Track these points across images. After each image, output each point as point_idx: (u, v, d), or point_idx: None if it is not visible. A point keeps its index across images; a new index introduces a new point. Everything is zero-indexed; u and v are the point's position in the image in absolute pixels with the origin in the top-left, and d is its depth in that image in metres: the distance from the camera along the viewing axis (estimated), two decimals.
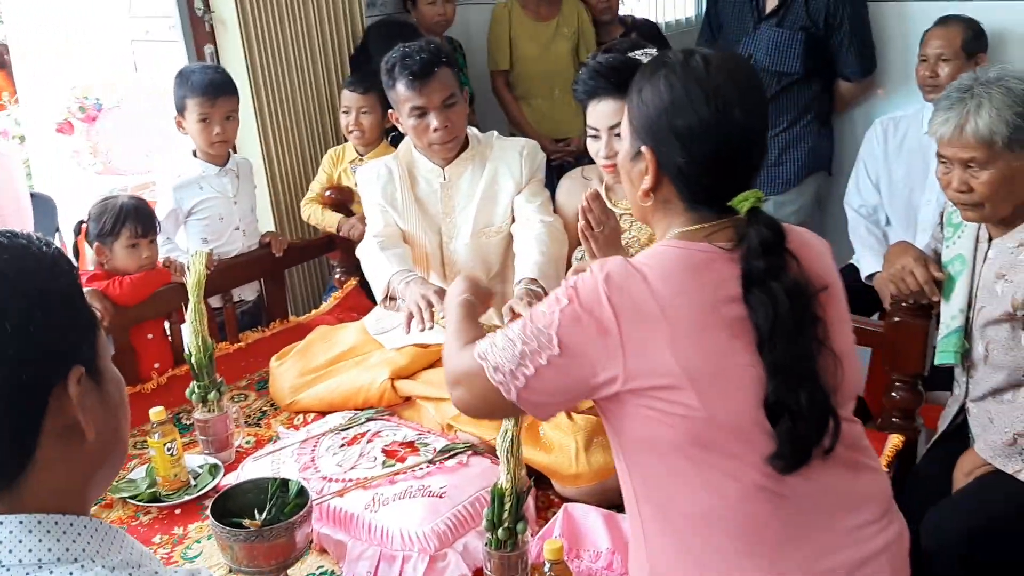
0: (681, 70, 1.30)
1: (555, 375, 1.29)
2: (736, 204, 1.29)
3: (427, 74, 2.21)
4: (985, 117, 1.87)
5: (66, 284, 0.91)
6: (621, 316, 1.25)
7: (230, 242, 2.83)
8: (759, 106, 1.32)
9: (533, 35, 3.89)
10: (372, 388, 2.28)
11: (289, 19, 3.18)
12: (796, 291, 1.26)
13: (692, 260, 1.29)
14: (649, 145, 1.34)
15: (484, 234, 2.38)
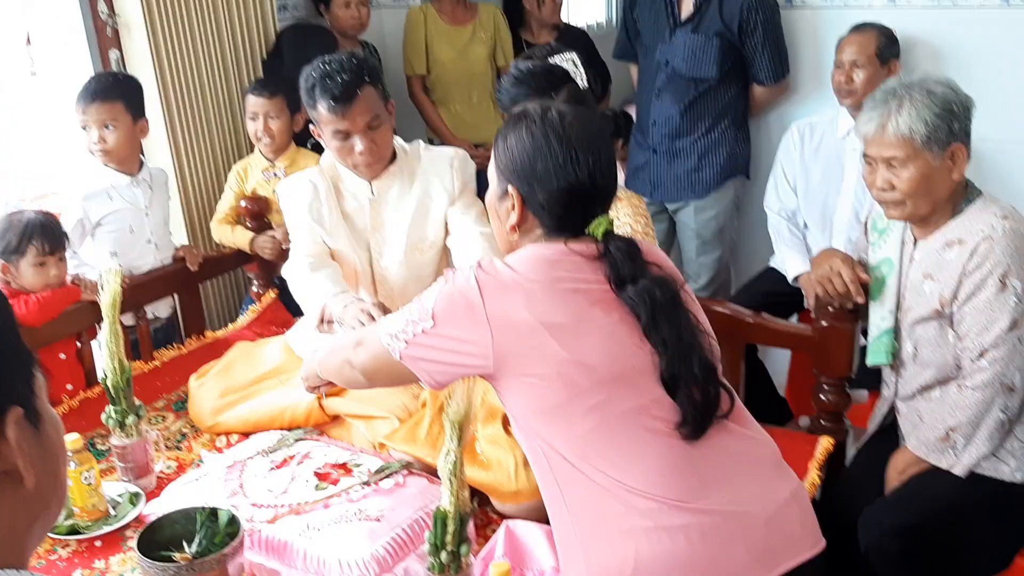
0: (541, 122, 1.52)
1: (429, 343, 1.49)
2: (592, 230, 1.50)
3: (350, 97, 2.09)
4: (905, 116, 1.94)
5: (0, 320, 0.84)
6: (485, 291, 1.45)
7: (141, 256, 2.71)
8: (605, 152, 1.54)
9: (450, 39, 3.86)
10: (299, 408, 2.20)
11: (198, 22, 3.06)
12: (664, 284, 1.48)
13: (550, 253, 1.49)
14: (515, 185, 1.54)
15: (418, 249, 2.30)
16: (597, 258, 1.49)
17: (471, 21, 3.88)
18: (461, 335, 1.47)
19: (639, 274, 1.47)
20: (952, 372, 2.03)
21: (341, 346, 1.75)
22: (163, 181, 2.80)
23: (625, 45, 3.62)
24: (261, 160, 3.03)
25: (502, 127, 1.59)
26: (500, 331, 1.44)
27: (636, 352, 1.46)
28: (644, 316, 1.45)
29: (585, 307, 1.45)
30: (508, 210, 1.56)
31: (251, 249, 2.94)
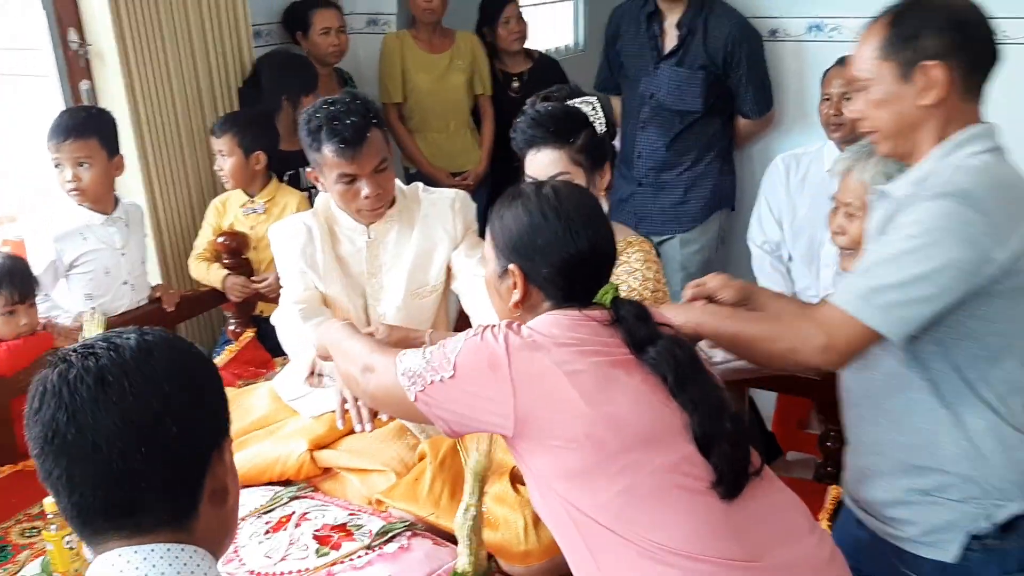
0: (536, 198, 1.54)
1: (446, 394, 1.45)
2: (600, 299, 1.51)
3: (360, 141, 2.02)
4: (870, 169, 1.95)
5: (215, 369, 1.11)
6: (512, 350, 1.41)
7: (117, 297, 2.60)
8: (602, 222, 1.57)
9: (426, 67, 3.79)
10: (289, 460, 2.09)
11: (173, 51, 2.96)
12: (682, 344, 1.48)
13: (567, 318, 1.48)
14: (515, 262, 1.53)
15: (418, 295, 2.22)
16: (610, 324, 1.48)
17: (448, 48, 3.82)
18: (481, 392, 1.43)
19: (655, 335, 1.47)
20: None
21: (354, 357, 1.69)
22: (139, 218, 2.70)
23: (607, 77, 3.60)
24: (241, 195, 2.94)
25: (496, 206, 1.60)
26: (524, 391, 1.40)
27: (664, 411, 1.42)
28: (670, 376, 1.43)
29: (608, 369, 1.42)
30: (510, 288, 1.56)
31: (224, 285, 2.84)
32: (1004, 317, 1.57)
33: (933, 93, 1.56)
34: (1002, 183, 1.54)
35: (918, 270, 1.50)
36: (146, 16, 2.84)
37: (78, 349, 1.02)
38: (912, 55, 1.56)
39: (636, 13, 3.39)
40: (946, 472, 1.63)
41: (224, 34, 3.14)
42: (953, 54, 1.55)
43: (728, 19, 3.22)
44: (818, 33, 3.33)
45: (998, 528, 1.63)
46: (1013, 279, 1.53)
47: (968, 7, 1.60)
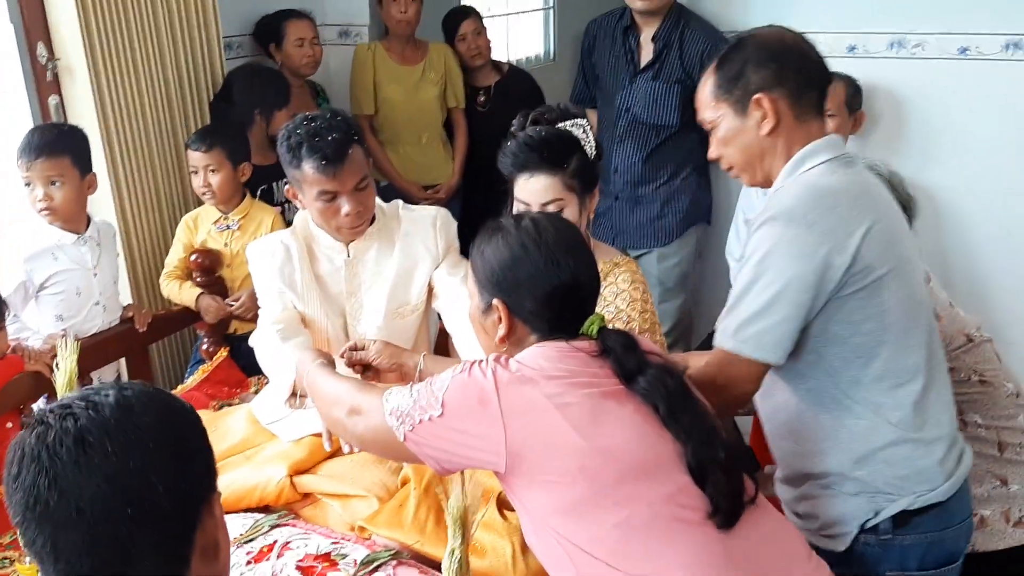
0: (516, 231, 1.54)
1: (436, 432, 1.43)
2: (586, 329, 1.50)
3: (341, 158, 1.99)
4: None
5: (199, 420, 1.07)
6: (501, 386, 1.40)
7: (88, 319, 2.53)
8: (584, 252, 1.56)
9: (398, 79, 3.76)
10: (269, 486, 2.05)
11: (144, 65, 2.89)
12: (671, 372, 1.47)
13: (556, 351, 1.46)
14: (499, 297, 1.53)
15: (399, 315, 2.19)
16: (599, 355, 1.48)
17: (421, 61, 3.79)
18: (471, 429, 1.41)
19: (644, 365, 1.46)
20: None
21: (338, 400, 1.66)
22: (111, 236, 2.64)
23: (583, 90, 3.59)
24: (213, 212, 2.88)
25: (477, 241, 1.59)
26: (515, 427, 1.38)
27: (657, 441, 1.41)
28: (662, 406, 1.42)
29: (599, 400, 1.41)
30: (495, 323, 1.55)
31: (197, 305, 2.79)
32: (863, 316, 1.62)
33: (768, 122, 1.67)
34: (831, 191, 1.61)
35: (768, 295, 1.59)
36: (116, 29, 2.78)
37: (55, 409, 0.98)
38: (742, 92, 1.68)
39: (612, 27, 3.39)
40: (836, 473, 1.70)
41: (195, 46, 3.08)
42: (777, 83, 1.66)
43: (704, 34, 3.23)
44: None
45: (891, 522, 1.67)
46: (861, 279, 1.60)
47: (783, 38, 1.72)
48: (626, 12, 3.34)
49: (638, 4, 3.22)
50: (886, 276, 1.60)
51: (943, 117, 3.18)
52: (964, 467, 1.74)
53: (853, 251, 1.57)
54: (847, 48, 3.26)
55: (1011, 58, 3.09)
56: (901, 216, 1.75)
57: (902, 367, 1.65)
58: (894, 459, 1.66)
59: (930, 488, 1.67)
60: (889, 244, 1.62)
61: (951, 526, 1.71)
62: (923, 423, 1.67)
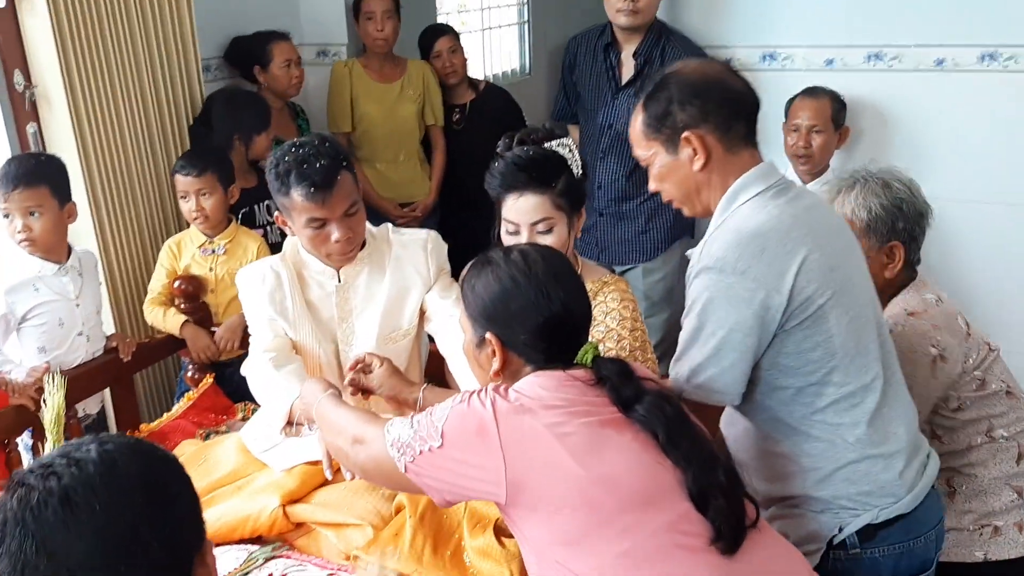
0: (505, 264, 1.55)
1: (436, 463, 1.43)
2: (580, 359, 1.51)
3: (330, 184, 1.97)
4: (852, 200, 1.97)
5: (183, 469, 1.06)
6: (500, 416, 1.39)
7: (72, 350, 2.50)
8: (574, 282, 1.57)
9: (376, 96, 3.74)
10: (261, 517, 2.02)
11: (122, 91, 2.87)
12: (668, 398, 1.48)
13: (553, 380, 1.46)
14: (492, 331, 1.54)
15: (391, 339, 2.17)
16: (595, 383, 1.48)
17: (399, 78, 3.78)
18: (471, 460, 1.42)
19: (640, 392, 1.47)
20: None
21: (342, 429, 1.68)
22: (93, 265, 2.60)
23: (564, 107, 3.60)
24: (198, 236, 2.85)
25: (466, 276, 1.60)
26: (515, 457, 1.38)
27: (657, 469, 1.41)
28: (662, 433, 1.43)
29: (598, 429, 1.42)
30: (489, 356, 1.55)
31: (182, 334, 2.76)
32: (811, 344, 1.64)
33: (700, 159, 1.68)
34: (757, 234, 1.61)
35: (713, 344, 1.63)
36: (93, 54, 2.75)
37: (35, 470, 0.95)
38: (671, 131, 1.69)
39: (592, 44, 3.39)
40: (801, 495, 1.72)
41: (173, 70, 3.05)
42: (703, 119, 1.67)
43: (685, 49, 3.24)
44: (772, 62, 3.36)
45: (857, 537, 1.70)
46: (803, 311, 1.62)
47: (705, 73, 1.71)
48: (607, 29, 3.35)
49: (622, 20, 3.23)
50: (828, 303, 1.62)
51: (922, 128, 3.21)
52: (928, 477, 1.76)
53: (789, 289, 1.59)
54: (825, 62, 3.28)
55: (987, 69, 3.12)
56: (843, 235, 1.76)
57: (856, 387, 1.67)
58: (855, 476, 1.68)
59: (893, 501, 1.69)
60: (829, 270, 1.63)
61: (919, 536, 1.74)
62: (882, 438, 1.69)
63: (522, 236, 2.05)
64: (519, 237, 2.05)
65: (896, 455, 1.70)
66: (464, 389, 1.92)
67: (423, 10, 4.80)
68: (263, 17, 3.55)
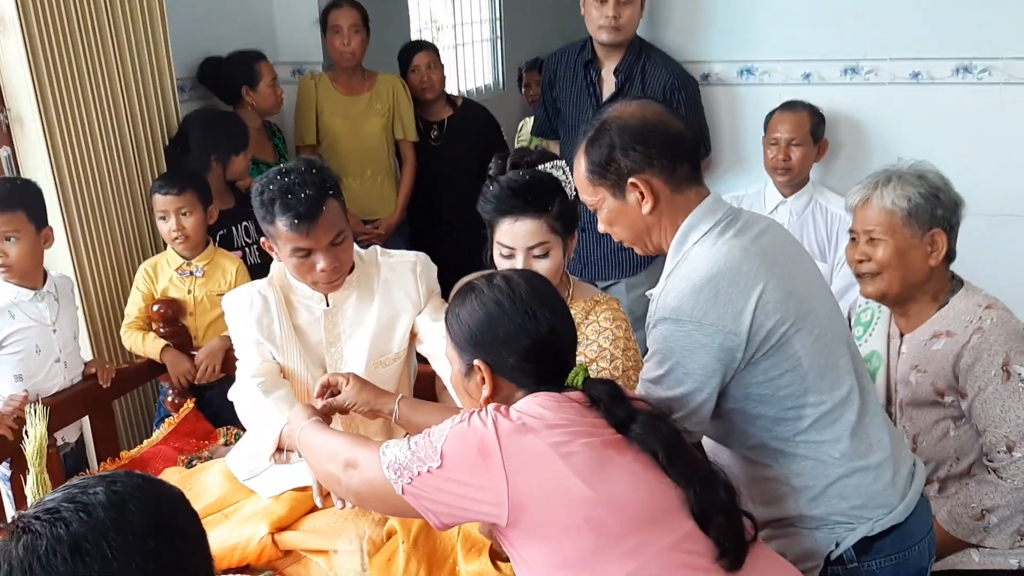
0: (488, 290, 1.54)
1: (435, 484, 1.40)
2: (571, 381, 1.50)
3: (314, 215, 1.93)
4: (891, 192, 2.01)
5: (191, 507, 1.06)
6: (502, 435, 1.37)
7: (49, 377, 2.45)
8: (559, 304, 1.56)
9: (341, 110, 3.73)
10: (250, 545, 1.98)
11: (97, 113, 2.83)
12: (663, 418, 1.48)
13: (550, 400, 1.44)
14: (480, 358, 1.52)
15: (381, 363, 2.14)
16: (589, 406, 1.47)
17: (367, 91, 3.75)
18: (472, 481, 1.39)
19: (633, 413, 1.46)
20: (952, 464, 2.04)
21: (333, 454, 1.63)
22: (69, 290, 2.55)
23: (545, 123, 3.59)
24: (175, 258, 2.81)
25: (451, 304, 1.60)
26: (518, 478, 1.36)
27: (659, 488, 1.40)
28: (661, 451, 1.42)
29: (601, 450, 1.40)
30: (478, 384, 1.53)
31: (162, 359, 2.71)
32: (780, 372, 1.64)
33: (648, 203, 1.67)
34: (709, 278, 1.60)
35: (679, 390, 1.63)
36: (67, 77, 2.71)
37: (41, 516, 0.91)
38: (616, 178, 1.68)
39: (572, 61, 3.39)
40: (795, 515, 1.72)
41: (148, 90, 3.02)
42: (647, 164, 1.66)
43: (666, 66, 3.24)
44: (749, 77, 3.37)
45: (854, 551, 1.70)
46: (766, 343, 1.62)
47: (644, 116, 1.69)
48: (586, 46, 3.35)
49: (603, 36, 3.22)
50: (790, 330, 1.62)
51: (898, 140, 3.23)
52: (918, 484, 1.77)
53: (748, 327, 1.59)
54: (802, 76, 3.30)
55: (961, 81, 3.16)
56: (795, 252, 1.76)
57: (833, 403, 1.67)
58: (846, 491, 1.68)
59: (886, 512, 1.69)
60: (786, 297, 1.62)
61: (913, 545, 1.74)
62: (867, 449, 1.69)
63: (517, 260, 2.03)
64: (514, 261, 2.04)
65: (883, 464, 1.70)
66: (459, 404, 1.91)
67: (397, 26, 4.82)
68: (238, 37, 3.53)
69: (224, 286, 2.82)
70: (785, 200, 3.16)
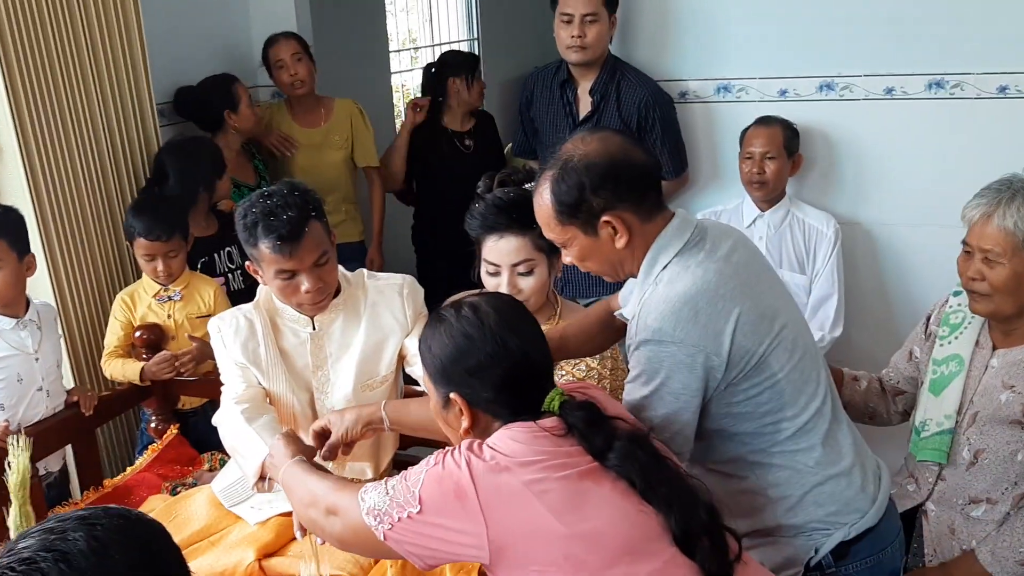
0: (457, 321, 1.52)
1: (416, 529, 1.40)
2: (547, 406, 1.47)
3: (297, 236, 1.93)
4: (1014, 212, 1.93)
5: (174, 542, 1.01)
6: (477, 477, 1.37)
7: (32, 406, 2.43)
8: (530, 328, 1.55)
9: (301, 142, 3.71)
10: (237, 572, 1.98)
11: (77, 141, 2.82)
12: (640, 440, 1.46)
13: (525, 433, 1.43)
14: (455, 390, 1.51)
15: (368, 387, 2.13)
16: (565, 434, 1.45)
17: (324, 123, 3.74)
18: (452, 524, 1.39)
19: (612, 438, 1.44)
20: (1008, 488, 2.02)
21: (314, 500, 1.62)
22: (51, 317, 2.53)
23: (523, 143, 3.61)
24: (151, 285, 2.80)
25: (422, 336, 1.59)
26: (496, 519, 1.36)
27: (639, 517, 1.39)
28: (638, 480, 1.41)
29: (577, 483, 1.39)
30: (457, 416, 1.53)
31: (143, 380, 2.69)
32: (759, 390, 1.66)
33: (622, 238, 1.67)
34: (687, 299, 1.61)
35: (664, 411, 1.64)
36: (46, 104, 2.70)
37: (16, 567, 0.85)
38: (587, 216, 1.67)
39: (549, 81, 3.42)
40: (773, 526, 1.74)
41: (128, 116, 3.00)
42: (618, 201, 1.66)
43: (641, 84, 3.27)
44: (726, 94, 3.40)
45: (831, 556, 1.72)
46: (745, 364, 1.64)
47: (609, 152, 1.67)
48: (562, 66, 3.38)
49: (572, 57, 3.25)
50: (767, 349, 1.64)
51: (873, 155, 3.27)
52: (885, 486, 1.80)
53: (728, 348, 1.61)
54: (778, 92, 3.33)
55: (934, 96, 3.20)
56: (764, 267, 1.79)
57: (809, 416, 1.70)
58: (821, 498, 1.71)
59: (859, 516, 1.72)
60: (761, 318, 1.65)
61: (886, 547, 1.77)
62: (837, 456, 1.72)
63: (503, 277, 2.05)
64: (499, 278, 2.05)
65: (853, 469, 1.74)
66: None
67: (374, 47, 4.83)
68: (217, 62, 3.53)
69: (203, 308, 2.83)
70: (762, 214, 3.19)
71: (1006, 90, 3.11)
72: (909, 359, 2.29)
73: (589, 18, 3.20)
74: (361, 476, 2.21)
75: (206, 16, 3.59)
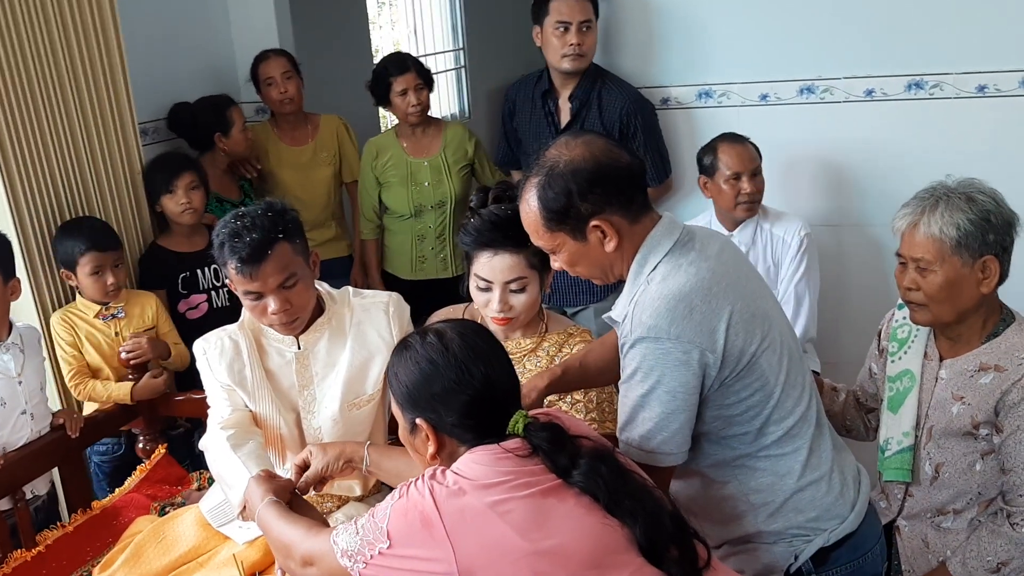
0: (421, 348, 1.53)
1: (389, 564, 1.42)
2: (511, 429, 1.49)
3: (259, 259, 1.91)
4: (938, 219, 1.92)
5: None
6: (441, 504, 1.39)
7: (16, 429, 2.41)
8: (495, 354, 1.55)
9: (289, 162, 3.71)
10: None
11: (58, 161, 2.81)
12: (604, 457, 1.47)
13: (489, 456, 1.44)
14: (421, 416, 1.52)
15: (355, 406, 2.12)
16: (529, 454, 1.46)
17: (311, 140, 3.74)
18: (421, 554, 1.40)
19: (575, 457, 1.46)
20: (972, 498, 2.01)
21: (289, 550, 1.66)
22: (35, 340, 2.52)
23: (507, 153, 3.61)
24: (90, 306, 2.78)
25: (390, 363, 1.59)
26: (462, 543, 1.37)
27: (605, 529, 1.40)
28: (603, 496, 1.43)
29: (540, 501, 1.41)
30: (424, 441, 1.54)
31: (134, 399, 2.68)
32: (749, 392, 1.67)
33: (611, 241, 1.68)
34: (682, 296, 1.62)
35: (660, 409, 1.64)
36: (27, 126, 2.69)
37: None
38: (575, 222, 1.67)
39: (530, 90, 3.42)
40: (754, 532, 1.74)
41: (110, 135, 2.99)
42: (606, 204, 1.67)
43: (621, 91, 3.28)
44: (708, 100, 3.41)
45: (811, 562, 1.73)
46: (738, 364, 1.65)
47: (594, 156, 1.67)
48: (543, 75, 3.38)
49: (567, 65, 3.24)
50: (758, 349, 1.65)
51: (855, 156, 3.28)
52: (864, 491, 1.80)
53: (722, 345, 1.62)
54: (759, 96, 3.34)
55: (913, 97, 3.21)
56: (751, 271, 1.79)
57: (795, 419, 1.71)
58: (801, 504, 1.72)
59: (839, 522, 1.73)
60: (751, 317, 1.66)
61: (866, 552, 1.78)
62: (819, 462, 1.74)
63: (494, 293, 2.05)
64: (490, 294, 2.06)
65: (832, 475, 1.75)
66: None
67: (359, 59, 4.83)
68: (201, 79, 3.53)
69: (148, 320, 2.86)
70: (732, 234, 3.12)
71: (985, 89, 3.12)
72: (870, 376, 2.28)
73: (585, 25, 3.21)
74: (349, 493, 2.20)
75: (188, 33, 3.59)
